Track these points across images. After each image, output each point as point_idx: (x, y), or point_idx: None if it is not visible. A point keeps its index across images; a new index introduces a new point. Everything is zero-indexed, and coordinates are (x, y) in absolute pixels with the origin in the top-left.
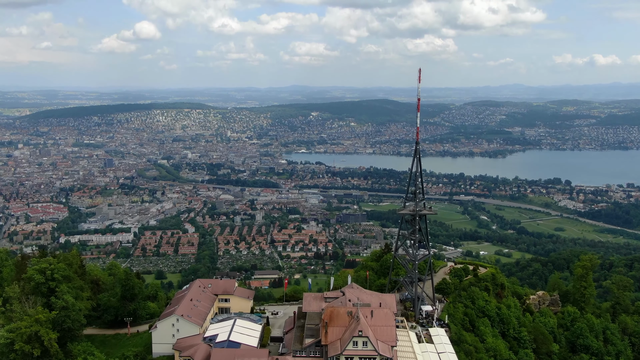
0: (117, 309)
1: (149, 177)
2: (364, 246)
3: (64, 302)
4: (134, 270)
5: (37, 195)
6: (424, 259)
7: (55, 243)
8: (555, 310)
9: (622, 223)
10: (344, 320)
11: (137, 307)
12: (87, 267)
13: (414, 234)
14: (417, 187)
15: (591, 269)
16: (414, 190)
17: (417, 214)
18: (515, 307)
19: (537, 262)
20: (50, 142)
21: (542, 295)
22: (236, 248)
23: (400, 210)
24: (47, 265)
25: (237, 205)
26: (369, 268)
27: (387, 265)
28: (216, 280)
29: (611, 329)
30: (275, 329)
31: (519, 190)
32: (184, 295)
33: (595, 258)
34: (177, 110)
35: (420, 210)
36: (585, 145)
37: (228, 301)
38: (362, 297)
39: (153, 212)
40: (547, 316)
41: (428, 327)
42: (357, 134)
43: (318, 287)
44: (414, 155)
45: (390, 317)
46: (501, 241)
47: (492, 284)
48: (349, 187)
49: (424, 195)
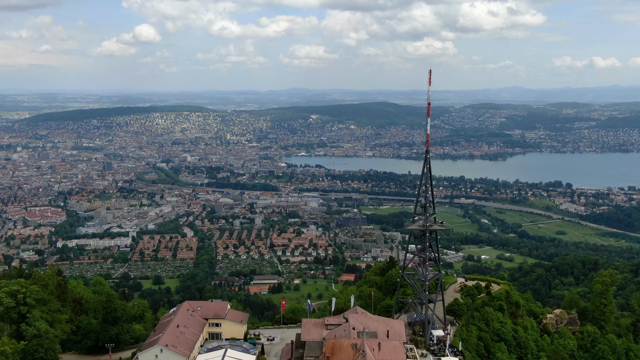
0: (98, 334)
1: (148, 181)
2: (364, 250)
3: (35, 330)
4: (132, 274)
5: (35, 199)
6: (434, 278)
7: (52, 247)
8: (574, 329)
9: (624, 226)
10: (347, 354)
11: (119, 331)
12: (69, 285)
13: (424, 252)
14: (427, 200)
15: (611, 285)
16: (423, 204)
17: (427, 229)
18: (533, 328)
19: (540, 267)
20: (49, 145)
21: (560, 314)
22: (235, 252)
23: (408, 226)
24: (19, 288)
25: (236, 209)
26: (373, 283)
27: (392, 281)
28: (206, 302)
29: (634, 350)
30: (271, 357)
31: (519, 194)
32: (170, 321)
33: (616, 273)
34: (176, 113)
35: (431, 226)
36: (586, 147)
37: (219, 326)
38: (367, 324)
39: (152, 216)
40: (566, 337)
41: (440, 355)
42: (356, 136)
43: (318, 293)
44: (424, 164)
45: (400, 350)
46: (503, 245)
47: (507, 302)
48: (348, 190)
49: (435, 208)
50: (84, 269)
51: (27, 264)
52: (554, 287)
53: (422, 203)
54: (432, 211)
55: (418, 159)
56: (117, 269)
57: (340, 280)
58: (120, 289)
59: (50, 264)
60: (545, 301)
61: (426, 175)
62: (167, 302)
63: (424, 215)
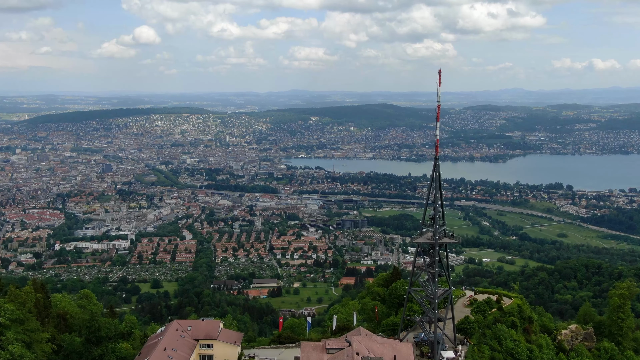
0: (80, 354)
1: (147, 183)
2: (365, 253)
3: (9, 355)
4: (130, 277)
5: (33, 201)
6: (444, 295)
7: (50, 250)
8: (590, 346)
9: (626, 229)
10: None
11: (104, 351)
12: (53, 299)
13: (433, 267)
14: (436, 211)
15: (629, 298)
16: (432, 215)
17: (436, 243)
18: (548, 346)
19: (542, 271)
20: (48, 147)
21: (575, 330)
22: (234, 255)
23: (416, 239)
24: None
25: (235, 211)
26: (376, 295)
27: (397, 294)
28: (197, 321)
29: None
30: None
31: (520, 196)
32: (157, 342)
33: (634, 286)
34: (176, 115)
35: (441, 239)
36: (586, 149)
37: (211, 347)
38: (372, 348)
39: (150, 219)
40: (582, 355)
41: None
42: (356, 138)
43: (318, 297)
44: (433, 171)
45: None
46: (504, 248)
47: (519, 317)
48: (348, 192)
49: (444, 219)
50: (81, 272)
51: (24, 267)
52: (557, 291)
53: (430, 214)
54: (442, 222)
55: (418, 161)
56: (115, 272)
57: (340, 284)
58: (109, 303)
59: (32, 278)
60: (548, 306)
61: (435, 182)
62: (165, 306)
63: (433, 227)
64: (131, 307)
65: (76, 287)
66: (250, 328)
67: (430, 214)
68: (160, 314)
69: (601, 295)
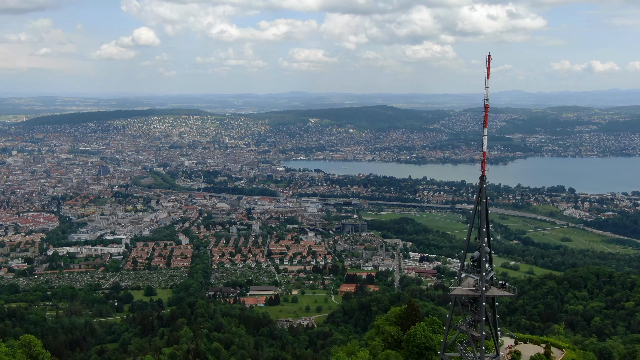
0: None
1: (144, 185)
2: (365, 258)
3: None
4: (123, 284)
5: (28, 204)
6: None
7: (42, 255)
8: None
9: (630, 233)
10: None
11: None
12: None
13: (476, 326)
14: (482, 251)
15: None
16: (477, 257)
17: (483, 295)
18: None
19: (551, 279)
20: (45, 148)
21: None
22: (231, 261)
23: (453, 291)
24: None
25: (233, 215)
26: (388, 336)
27: (416, 342)
28: None
29: None
30: None
31: (522, 199)
32: None
33: None
34: (174, 116)
35: (488, 289)
36: (587, 152)
37: None
38: None
39: (146, 222)
40: None
41: None
42: (356, 140)
43: (317, 306)
44: (478, 197)
45: None
46: (507, 252)
47: None
48: (348, 195)
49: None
50: (73, 279)
51: (14, 273)
52: (567, 301)
53: (474, 257)
54: (490, 268)
55: (418, 163)
56: (108, 278)
57: (340, 291)
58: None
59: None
60: (557, 317)
61: (482, 211)
62: (157, 317)
63: (478, 274)
64: (122, 316)
65: (67, 294)
66: (246, 342)
67: (473, 257)
68: (152, 326)
69: (614, 306)
